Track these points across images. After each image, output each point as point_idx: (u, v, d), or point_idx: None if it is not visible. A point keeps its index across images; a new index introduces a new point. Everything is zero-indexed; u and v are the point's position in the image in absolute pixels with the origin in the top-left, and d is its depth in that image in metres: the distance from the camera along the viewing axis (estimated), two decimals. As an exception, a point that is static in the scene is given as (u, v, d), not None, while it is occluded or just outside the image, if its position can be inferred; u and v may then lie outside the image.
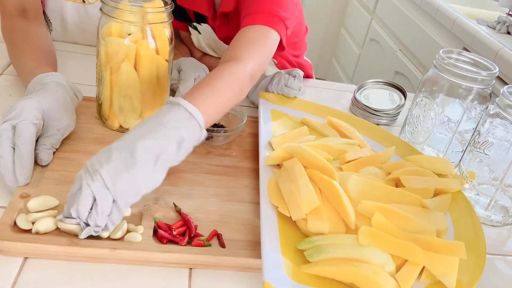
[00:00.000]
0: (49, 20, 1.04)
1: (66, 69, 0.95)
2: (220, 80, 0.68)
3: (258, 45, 0.79)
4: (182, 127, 0.60)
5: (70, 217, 0.55)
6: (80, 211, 0.54)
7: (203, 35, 1.00)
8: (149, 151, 0.57)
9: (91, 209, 0.55)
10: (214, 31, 0.98)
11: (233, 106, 0.71)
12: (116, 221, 0.57)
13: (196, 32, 1.00)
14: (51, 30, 1.05)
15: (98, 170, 0.54)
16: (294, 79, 0.91)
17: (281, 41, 0.84)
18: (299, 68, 1.10)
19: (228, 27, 0.96)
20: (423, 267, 0.58)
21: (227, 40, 0.98)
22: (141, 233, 0.58)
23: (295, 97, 0.93)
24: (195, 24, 0.99)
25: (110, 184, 0.54)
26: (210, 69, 1.05)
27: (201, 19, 0.98)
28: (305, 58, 1.18)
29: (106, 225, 0.56)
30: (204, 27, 0.98)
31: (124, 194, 0.55)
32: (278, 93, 0.93)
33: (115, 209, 0.56)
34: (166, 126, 0.59)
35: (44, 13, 1.02)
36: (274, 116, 0.85)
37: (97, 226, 0.55)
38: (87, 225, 0.55)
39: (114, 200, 0.55)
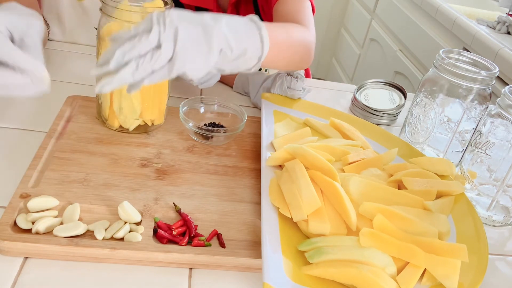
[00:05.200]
0: (46, 22, 1.03)
1: (66, 69, 0.95)
2: (295, 29, 0.71)
3: (306, 14, 0.82)
4: (250, 43, 0.61)
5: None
6: (134, 51, 0.53)
7: None
8: (220, 36, 0.58)
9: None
10: None
11: (294, 64, 0.73)
12: (157, 79, 0.56)
13: None
14: (49, 32, 1.05)
15: (177, 25, 0.54)
16: (297, 80, 0.91)
17: (312, 7, 0.87)
18: None
19: None
20: (425, 270, 0.57)
21: None
22: (141, 233, 0.58)
23: (299, 98, 0.93)
24: None
25: (180, 41, 0.54)
26: None
27: None
28: None
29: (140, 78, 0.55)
30: None
31: (185, 57, 0.55)
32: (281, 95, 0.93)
33: (167, 67, 0.55)
34: (240, 30, 0.60)
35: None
36: (277, 117, 0.85)
37: (137, 73, 0.54)
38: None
39: (171, 59, 0.55)
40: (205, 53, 0.57)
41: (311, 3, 0.94)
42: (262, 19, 0.90)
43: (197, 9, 0.97)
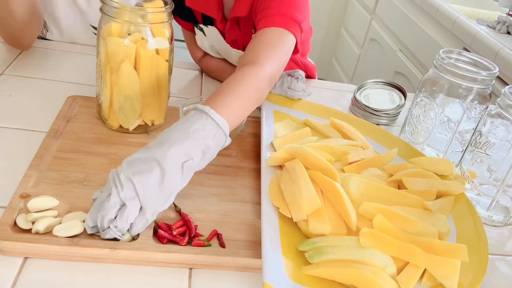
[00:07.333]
0: (44, 20, 1.03)
1: (66, 69, 0.95)
2: (241, 84, 0.70)
3: (276, 48, 0.80)
4: (208, 136, 0.61)
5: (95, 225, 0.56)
6: (105, 220, 0.55)
7: (208, 37, 1.00)
8: (176, 160, 0.58)
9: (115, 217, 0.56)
10: (222, 34, 0.98)
11: (253, 109, 0.72)
12: (140, 229, 0.57)
13: (201, 33, 1.00)
14: (47, 31, 1.05)
15: (131, 178, 0.56)
16: (297, 81, 0.91)
17: (296, 44, 0.84)
18: (304, 69, 1.10)
19: (238, 31, 0.96)
20: (425, 270, 0.57)
21: (234, 43, 0.98)
22: (141, 233, 0.58)
23: (299, 98, 0.93)
24: (201, 26, 0.99)
25: (141, 192, 0.56)
26: (209, 68, 1.05)
27: (208, 21, 0.98)
28: (308, 59, 1.18)
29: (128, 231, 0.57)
30: (210, 30, 0.98)
31: (153, 203, 0.57)
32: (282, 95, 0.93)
33: (141, 217, 0.57)
34: (193, 136, 0.60)
35: None
36: (277, 117, 0.85)
37: (120, 231, 0.56)
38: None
39: (141, 208, 0.56)
40: (167, 185, 0.57)
41: (309, 25, 0.93)
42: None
43: (203, 16, 0.97)
